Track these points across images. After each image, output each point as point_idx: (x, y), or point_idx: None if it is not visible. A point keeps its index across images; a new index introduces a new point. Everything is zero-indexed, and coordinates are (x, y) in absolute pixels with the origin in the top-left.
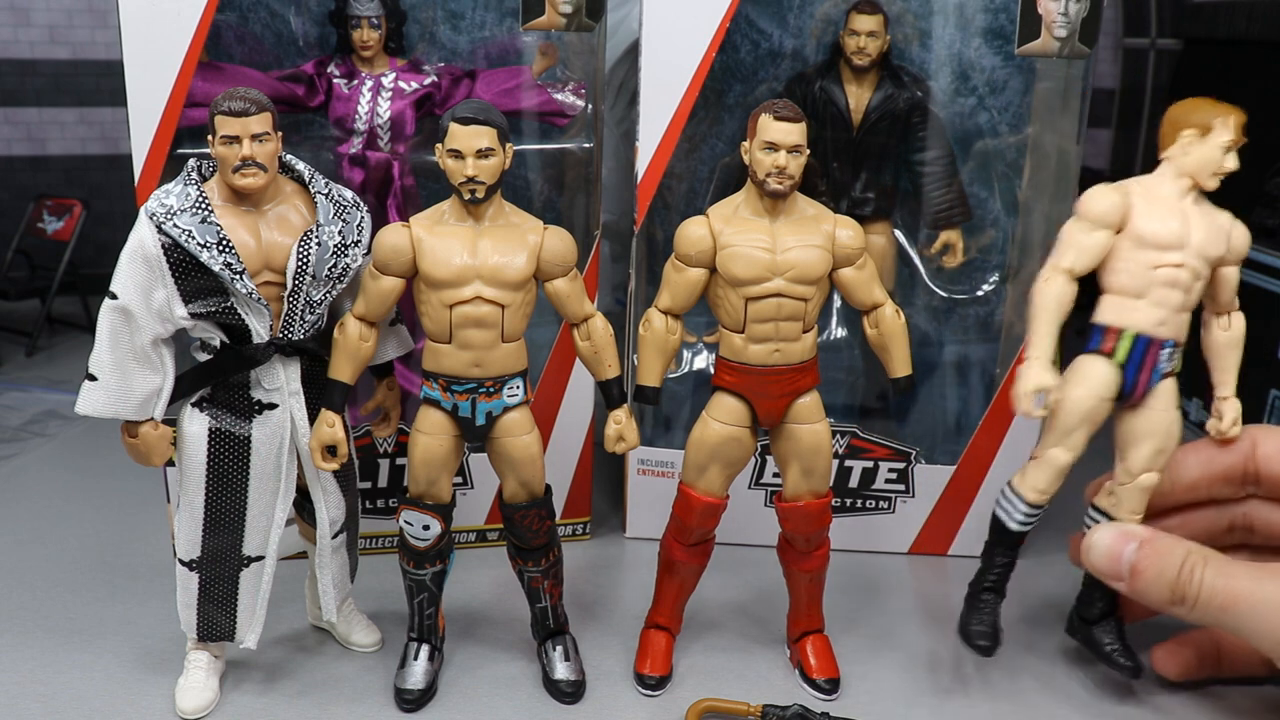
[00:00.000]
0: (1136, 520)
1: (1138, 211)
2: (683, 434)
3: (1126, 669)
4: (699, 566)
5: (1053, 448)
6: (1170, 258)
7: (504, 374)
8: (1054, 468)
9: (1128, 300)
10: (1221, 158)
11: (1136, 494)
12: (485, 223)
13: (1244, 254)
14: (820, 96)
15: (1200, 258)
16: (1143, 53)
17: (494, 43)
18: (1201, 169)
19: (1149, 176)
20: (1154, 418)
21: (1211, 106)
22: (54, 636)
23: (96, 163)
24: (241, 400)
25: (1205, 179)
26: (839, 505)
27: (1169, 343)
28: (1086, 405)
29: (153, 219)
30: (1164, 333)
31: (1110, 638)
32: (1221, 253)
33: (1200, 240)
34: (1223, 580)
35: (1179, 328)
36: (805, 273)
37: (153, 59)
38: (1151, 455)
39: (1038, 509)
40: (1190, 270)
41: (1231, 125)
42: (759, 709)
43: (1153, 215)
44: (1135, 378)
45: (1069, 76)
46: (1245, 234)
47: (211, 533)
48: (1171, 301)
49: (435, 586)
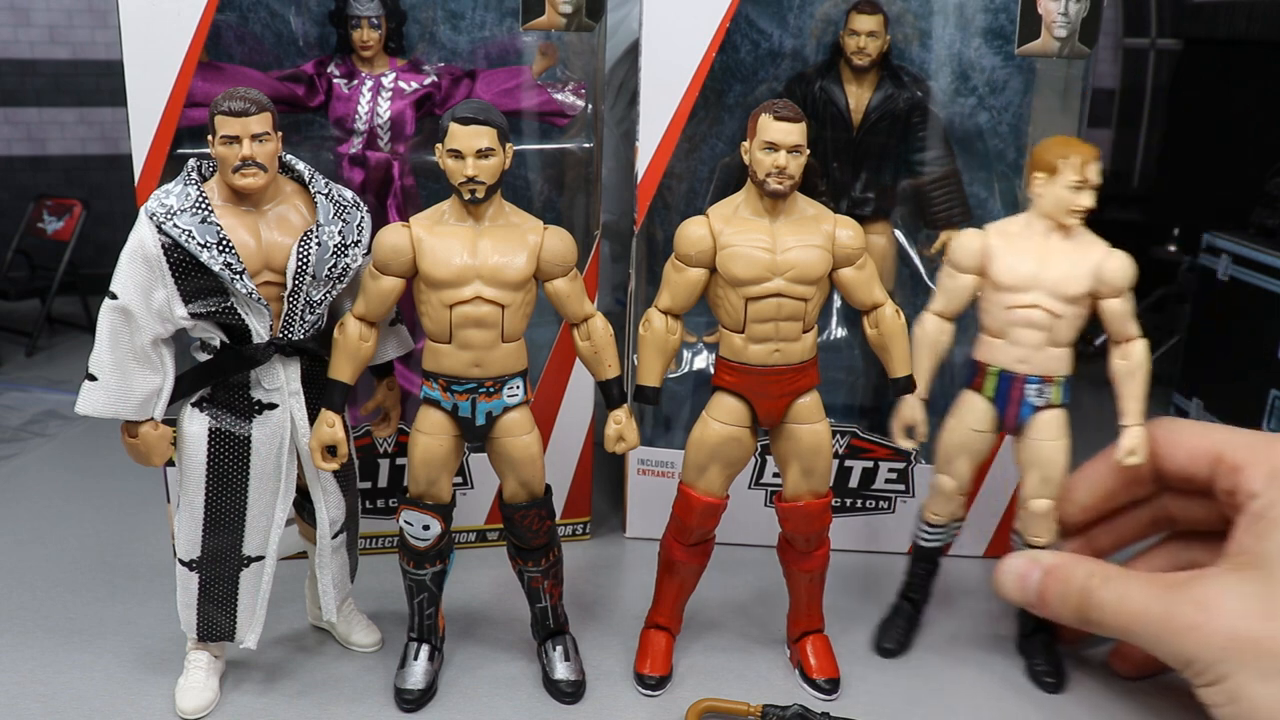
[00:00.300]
0: (1041, 544)
1: (994, 255)
2: (683, 434)
3: (1046, 685)
4: (699, 566)
5: (939, 475)
6: (1022, 299)
7: (504, 374)
8: (941, 493)
9: (993, 340)
10: (1073, 197)
11: (1034, 520)
12: (485, 223)
13: (1122, 285)
14: (820, 96)
15: (1055, 297)
16: (1143, 53)
17: (494, 43)
18: (1056, 209)
19: (1018, 217)
20: (1034, 448)
21: (1061, 147)
22: (54, 636)
23: (96, 163)
24: (241, 400)
25: (1062, 217)
26: (839, 505)
27: (1034, 379)
28: (960, 437)
29: (153, 219)
30: (1026, 369)
31: (1038, 652)
32: (1084, 290)
33: (1055, 279)
34: (1118, 601)
35: (1047, 364)
36: (805, 273)
37: (153, 59)
38: (1038, 483)
39: (939, 528)
40: (1045, 310)
41: (1077, 165)
42: (759, 709)
43: (1007, 258)
44: (1005, 411)
45: (1069, 76)
46: (1121, 267)
47: (211, 533)
48: (1030, 340)
49: (435, 586)
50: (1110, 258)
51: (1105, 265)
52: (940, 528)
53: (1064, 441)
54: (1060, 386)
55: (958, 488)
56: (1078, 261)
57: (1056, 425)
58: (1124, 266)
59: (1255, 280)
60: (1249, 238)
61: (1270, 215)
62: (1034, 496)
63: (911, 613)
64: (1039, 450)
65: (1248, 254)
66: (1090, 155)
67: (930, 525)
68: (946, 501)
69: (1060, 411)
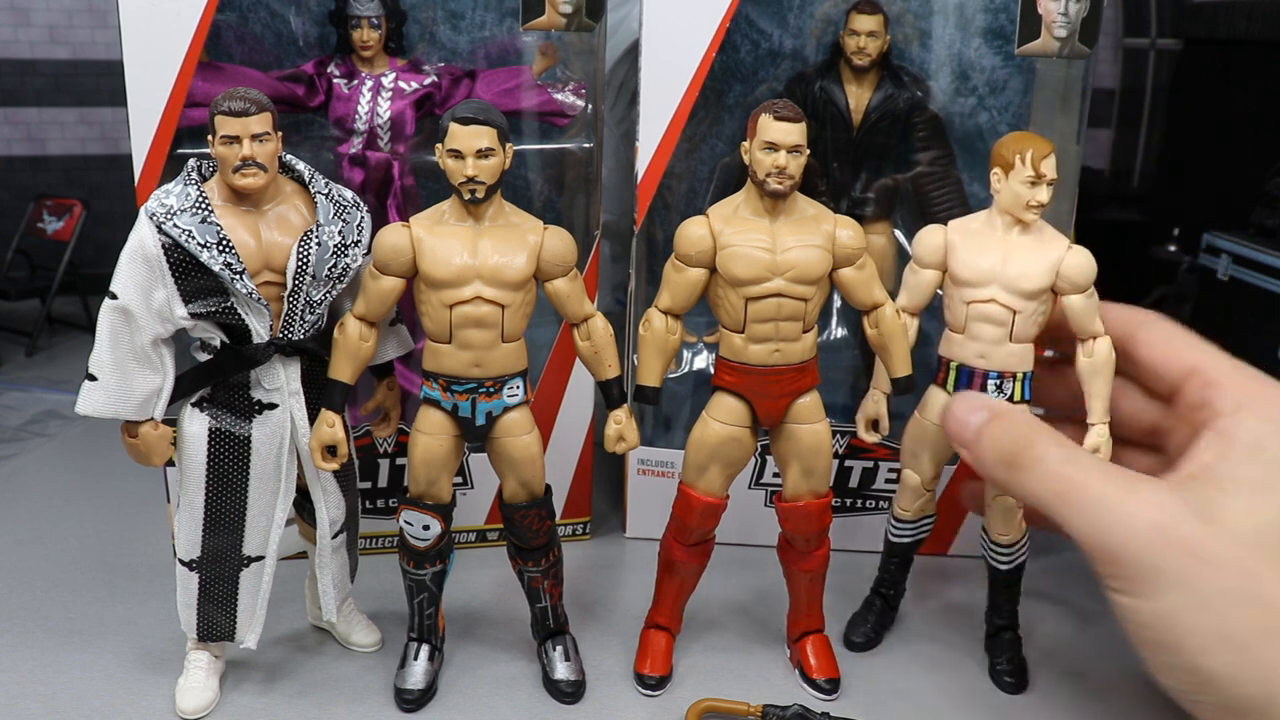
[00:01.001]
0: (1005, 540)
1: (954, 250)
2: (683, 434)
3: (1005, 685)
4: (699, 566)
5: (904, 469)
6: (980, 293)
7: (504, 374)
8: (908, 488)
9: (954, 334)
10: (1029, 192)
11: (998, 517)
12: (485, 223)
13: (1083, 282)
14: (820, 96)
15: (1012, 292)
16: (1143, 53)
17: (494, 43)
18: (1013, 204)
19: (980, 214)
20: None
21: (1016, 142)
22: (54, 636)
23: (96, 163)
24: (241, 400)
25: (1020, 213)
26: (839, 505)
27: (993, 374)
28: (923, 431)
29: (153, 219)
30: (985, 364)
31: (1001, 653)
32: (1042, 286)
33: (1013, 275)
34: (1069, 466)
35: (1006, 360)
36: (805, 273)
37: (153, 59)
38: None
39: (908, 523)
40: (1002, 305)
41: (1031, 160)
42: (759, 709)
43: (966, 253)
44: None
45: (1069, 76)
46: (1081, 264)
47: (211, 533)
48: (988, 335)
49: (435, 586)
50: (1072, 254)
51: (1066, 262)
52: (909, 523)
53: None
54: (1022, 383)
55: (921, 482)
56: (1038, 258)
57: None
58: (1084, 263)
59: (1255, 280)
60: (1249, 238)
61: (1270, 215)
62: (998, 494)
63: (882, 608)
64: None
65: (1248, 254)
66: (1044, 150)
67: (898, 520)
68: (914, 496)
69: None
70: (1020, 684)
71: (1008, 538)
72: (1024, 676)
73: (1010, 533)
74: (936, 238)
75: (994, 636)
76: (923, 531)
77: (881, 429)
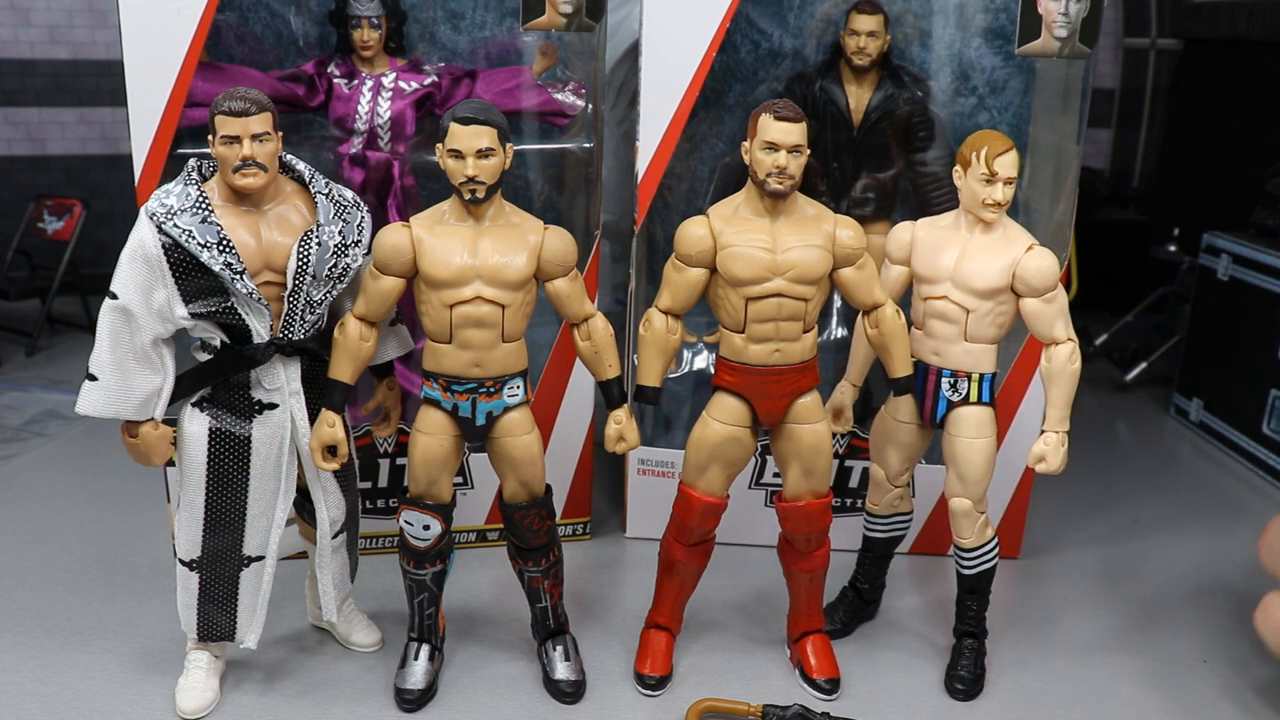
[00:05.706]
0: (966, 545)
1: (917, 246)
2: (683, 434)
3: (955, 692)
4: (699, 566)
5: (871, 464)
6: (934, 290)
7: (504, 374)
8: (875, 483)
9: (915, 331)
10: (984, 190)
11: (955, 519)
12: (485, 223)
13: (1039, 285)
14: (820, 96)
15: (965, 290)
16: (1143, 53)
17: (494, 43)
18: (971, 203)
19: (951, 212)
20: (951, 444)
21: (975, 140)
22: (54, 636)
23: (96, 163)
24: (242, 400)
25: (979, 211)
26: (839, 505)
27: (946, 372)
28: (886, 426)
29: (153, 219)
30: (939, 362)
31: (962, 657)
32: (995, 285)
33: (966, 273)
34: None
35: (961, 359)
36: (806, 273)
37: (153, 59)
38: (954, 482)
39: (879, 518)
40: (954, 303)
41: (985, 157)
42: (759, 709)
43: (927, 250)
44: (923, 404)
45: (1069, 76)
46: (1040, 267)
47: (211, 533)
48: (942, 333)
49: (435, 586)
50: (1030, 256)
51: (1022, 263)
52: (882, 518)
53: (983, 441)
54: (978, 383)
55: (887, 477)
56: (994, 258)
57: (975, 423)
58: (1043, 266)
59: (1255, 280)
60: (1249, 238)
61: (1270, 215)
62: (951, 495)
63: (854, 599)
64: (954, 447)
65: (1248, 254)
66: (1000, 147)
67: (870, 515)
68: (882, 491)
69: (980, 409)
70: (971, 692)
71: (969, 542)
72: (977, 685)
73: (969, 538)
74: (905, 234)
75: (960, 640)
76: (896, 527)
77: (843, 421)
